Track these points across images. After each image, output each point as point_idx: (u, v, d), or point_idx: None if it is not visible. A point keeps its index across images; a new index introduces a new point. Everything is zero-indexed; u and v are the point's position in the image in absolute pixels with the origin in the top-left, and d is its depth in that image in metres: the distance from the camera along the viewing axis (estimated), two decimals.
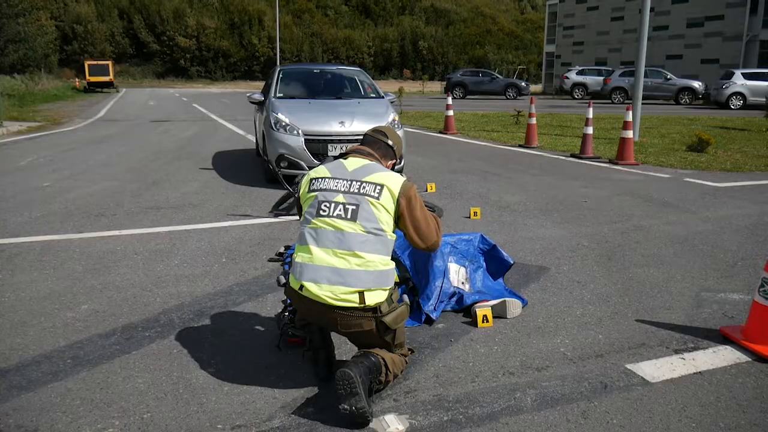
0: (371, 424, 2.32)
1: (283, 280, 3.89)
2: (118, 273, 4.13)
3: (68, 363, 2.85)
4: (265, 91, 8.36)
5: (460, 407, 2.47)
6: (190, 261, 4.41)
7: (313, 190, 2.57)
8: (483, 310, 3.28)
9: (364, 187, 2.50)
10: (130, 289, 3.82)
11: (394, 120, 7.38)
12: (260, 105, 8.29)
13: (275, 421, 2.38)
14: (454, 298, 3.44)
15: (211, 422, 2.37)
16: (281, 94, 8.11)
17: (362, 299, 2.42)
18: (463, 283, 3.55)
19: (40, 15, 47.45)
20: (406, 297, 3.40)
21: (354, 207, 2.47)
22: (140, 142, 12.18)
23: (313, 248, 2.48)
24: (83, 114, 20.51)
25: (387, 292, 2.50)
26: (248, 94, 8.58)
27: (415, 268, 3.58)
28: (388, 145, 2.78)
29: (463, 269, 3.59)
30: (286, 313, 3.14)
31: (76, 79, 44.11)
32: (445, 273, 3.47)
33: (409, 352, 2.77)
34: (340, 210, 2.48)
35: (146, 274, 4.12)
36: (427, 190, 6.99)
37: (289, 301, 3.48)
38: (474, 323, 3.28)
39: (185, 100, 31.36)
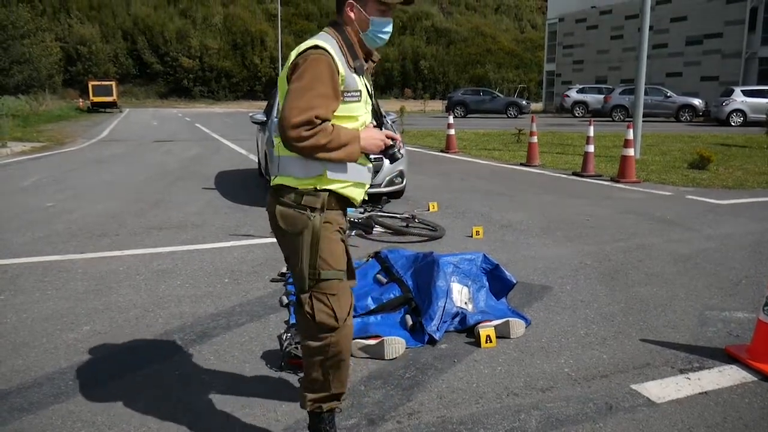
0: None
1: (285, 300, 3.90)
2: (120, 293, 4.12)
3: (70, 385, 2.83)
4: (268, 111, 8.40)
5: (465, 429, 2.45)
6: (193, 281, 4.41)
7: None
8: (486, 330, 3.27)
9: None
10: (132, 310, 3.81)
11: None
12: (262, 125, 8.33)
13: None
14: (457, 318, 3.42)
15: None
16: None
17: (273, 180, 2.27)
18: (466, 303, 3.53)
19: (45, 36, 47.90)
20: (409, 317, 3.41)
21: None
22: (143, 162, 12.25)
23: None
24: (87, 134, 20.64)
25: (296, 182, 2.15)
26: (251, 114, 8.63)
27: (417, 288, 3.58)
28: None
29: (465, 289, 3.58)
30: (289, 334, 3.13)
31: (80, 100, 44.53)
32: (448, 293, 3.46)
33: (327, 298, 2.17)
34: None
35: (148, 294, 4.11)
36: (429, 210, 7.00)
37: (291, 321, 3.48)
38: (477, 343, 3.26)
39: (188, 120, 31.57)
